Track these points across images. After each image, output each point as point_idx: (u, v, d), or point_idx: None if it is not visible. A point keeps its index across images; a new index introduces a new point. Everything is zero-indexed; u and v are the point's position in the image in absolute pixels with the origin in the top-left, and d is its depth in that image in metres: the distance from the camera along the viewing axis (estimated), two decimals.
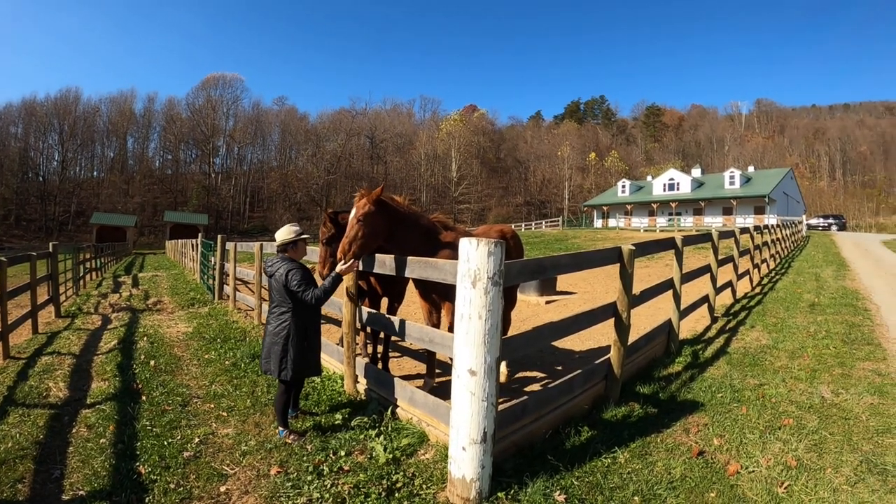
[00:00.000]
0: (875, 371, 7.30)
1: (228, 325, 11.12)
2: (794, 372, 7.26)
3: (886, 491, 4.21)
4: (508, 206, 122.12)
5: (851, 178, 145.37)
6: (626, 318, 6.13)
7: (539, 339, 5.15)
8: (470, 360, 3.83)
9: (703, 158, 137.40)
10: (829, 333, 9.41)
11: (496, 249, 3.83)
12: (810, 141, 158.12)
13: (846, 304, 12.27)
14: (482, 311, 3.80)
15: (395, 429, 5.17)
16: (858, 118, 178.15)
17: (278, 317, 5.06)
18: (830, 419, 5.64)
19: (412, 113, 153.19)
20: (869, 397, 6.27)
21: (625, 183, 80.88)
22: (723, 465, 4.60)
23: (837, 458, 4.73)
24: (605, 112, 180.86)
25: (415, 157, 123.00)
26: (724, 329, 9.79)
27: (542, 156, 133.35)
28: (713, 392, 6.43)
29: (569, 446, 4.81)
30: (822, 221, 62.01)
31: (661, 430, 5.28)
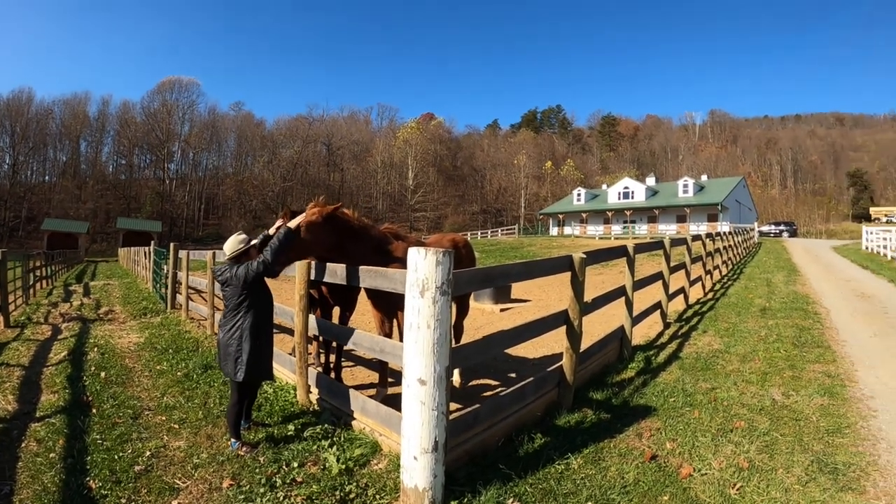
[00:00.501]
0: (825, 373, 7.52)
1: (181, 335, 10.93)
2: (745, 375, 7.42)
3: (837, 489, 4.32)
4: (464, 214, 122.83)
5: (802, 186, 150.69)
6: (577, 326, 6.18)
7: (489, 347, 5.18)
8: (419, 369, 3.84)
9: (657, 167, 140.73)
10: (779, 337, 9.66)
11: (444, 259, 3.85)
12: (762, 150, 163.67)
13: (797, 308, 12.64)
14: (431, 321, 3.82)
15: (347, 439, 5.13)
16: (809, 129, 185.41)
17: (231, 319, 5.03)
18: (781, 421, 5.77)
19: (369, 120, 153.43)
20: (819, 398, 6.45)
21: (580, 191, 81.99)
22: (675, 468, 4.66)
23: (789, 459, 4.84)
24: (562, 121, 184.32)
25: (371, 164, 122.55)
26: (677, 334, 9.97)
27: (499, 164, 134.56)
28: (666, 396, 6.53)
29: (522, 453, 4.82)
30: (774, 228, 64.47)
31: (614, 436, 5.33)
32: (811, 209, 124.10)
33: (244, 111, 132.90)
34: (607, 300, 7.87)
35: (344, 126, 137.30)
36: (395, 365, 4.46)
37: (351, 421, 5.44)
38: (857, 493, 4.28)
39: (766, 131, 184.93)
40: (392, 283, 4.62)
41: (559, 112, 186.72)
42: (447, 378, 3.93)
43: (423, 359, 3.83)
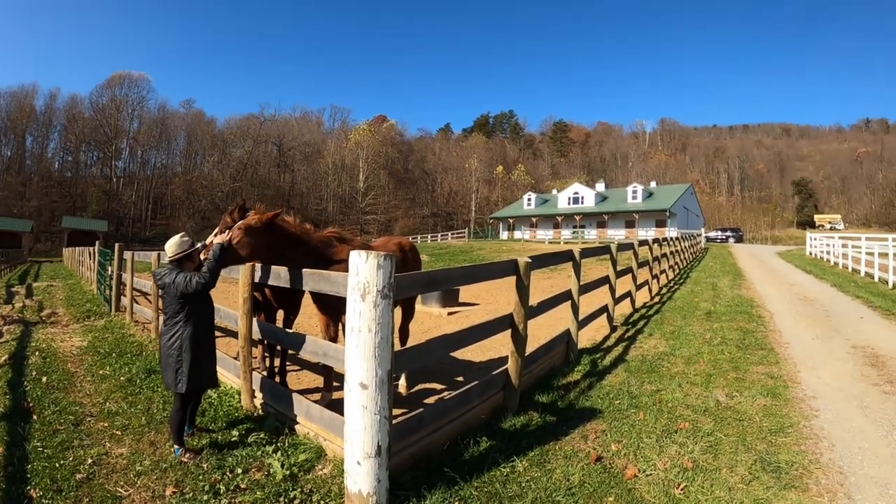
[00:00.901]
0: (768, 374, 7.72)
1: (125, 338, 10.66)
2: (690, 377, 7.55)
3: (781, 487, 4.41)
4: (415, 217, 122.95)
5: (749, 193, 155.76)
6: (522, 329, 6.19)
7: (432, 351, 5.20)
8: (361, 373, 3.81)
9: (607, 173, 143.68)
10: (724, 340, 9.88)
11: (385, 262, 3.83)
12: (711, 159, 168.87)
13: (741, 311, 12.97)
14: (372, 325, 3.80)
15: (292, 444, 5.06)
16: (757, 138, 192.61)
17: (171, 328, 4.93)
18: (725, 421, 5.88)
19: (321, 121, 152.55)
20: (762, 399, 6.61)
21: (531, 196, 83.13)
22: (621, 469, 4.69)
23: (732, 459, 4.92)
24: (514, 126, 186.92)
25: (322, 166, 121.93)
26: (623, 337, 10.11)
27: (450, 168, 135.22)
28: (611, 399, 6.59)
29: (467, 457, 4.80)
30: (721, 234, 66.57)
31: (559, 438, 5.35)
32: (757, 216, 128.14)
33: (195, 109, 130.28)
34: (553, 304, 7.93)
35: (296, 126, 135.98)
36: (341, 369, 4.41)
37: (295, 426, 5.38)
38: (800, 490, 4.38)
39: (715, 140, 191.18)
40: (335, 286, 4.59)
41: (511, 117, 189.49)
42: (389, 382, 3.90)
43: (364, 363, 3.80)
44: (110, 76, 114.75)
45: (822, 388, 7.20)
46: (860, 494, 4.37)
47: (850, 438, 5.51)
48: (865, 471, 4.79)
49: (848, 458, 5.04)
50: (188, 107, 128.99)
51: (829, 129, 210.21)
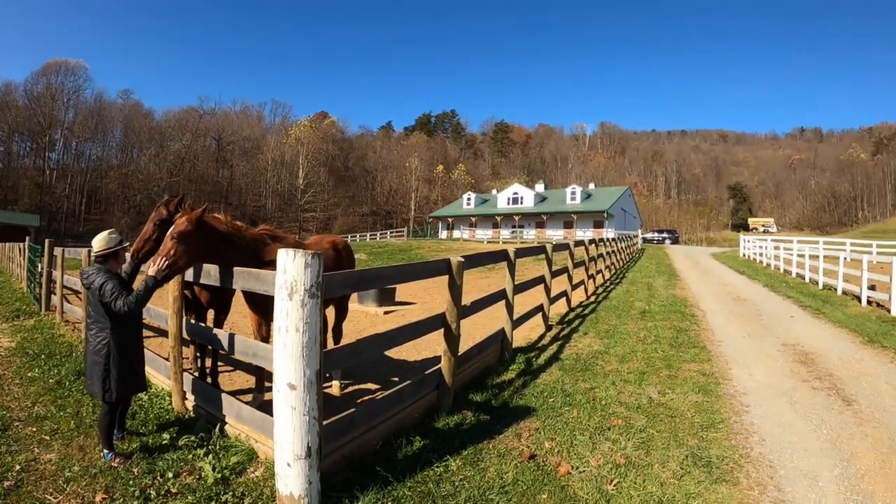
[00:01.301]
0: (700, 371, 7.90)
1: (54, 339, 10.27)
2: (623, 375, 7.66)
3: (712, 482, 4.49)
4: (355, 215, 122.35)
5: (686, 196, 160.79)
6: (455, 329, 6.18)
7: (362, 351, 5.13)
8: (289, 373, 3.75)
9: (547, 175, 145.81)
10: (657, 338, 10.09)
11: (313, 261, 3.78)
12: (649, 162, 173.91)
13: (675, 310, 13.30)
14: (299, 324, 3.74)
15: (223, 447, 4.95)
16: (694, 143, 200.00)
17: (97, 333, 4.77)
18: (658, 418, 5.97)
19: (262, 116, 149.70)
20: (694, 396, 6.75)
21: (470, 196, 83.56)
22: (554, 466, 4.70)
23: (664, 454, 4.99)
24: (455, 126, 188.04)
25: (262, 162, 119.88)
26: (558, 336, 10.19)
27: (391, 166, 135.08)
28: (545, 397, 6.62)
29: (401, 457, 4.76)
30: (657, 235, 68.58)
31: (493, 437, 5.34)
32: (693, 218, 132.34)
33: (133, 100, 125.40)
34: (487, 303, 7.93)
35: (236, 121, 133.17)
36: (271, 369, 4.30)
37: (226, 427, 5.27)
38: (731, 484, 4.47)
39: (654, 144, 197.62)
40: (264, 284, 4.51)
41: (453, 117, 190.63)
42: (318, 382, 3.85)
43: (292, 363, 3.74)
44: (46, 63, 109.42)
45: (752, 384, 7.40)
46: (790, 487, 4.48)
47: (780, 433, 5.67)
48: (795, 464, 4.92)
49: (778, 451, 5.18)
50: (126, 97, 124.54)
51: (764, 137, 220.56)
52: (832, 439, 5.53)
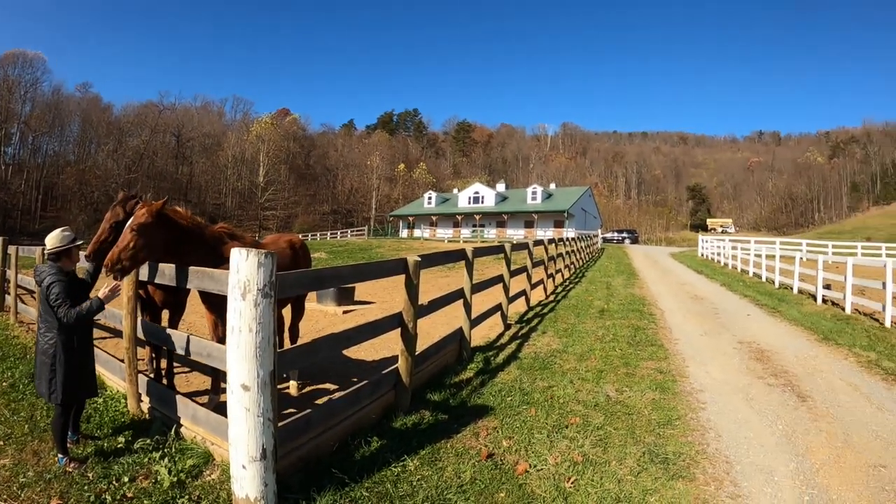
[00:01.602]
0: (657, 369, 7.99)
1: (8, 340, 9.96)
2: (581, 373, 7.71)
3: (668, 478, 4.55)
4: (315, 214, 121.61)
5: (646, 197, 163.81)
6: (412, 328, 6.17)
7: (317, 351, 5.08)
8: (242, 374, 3.73)
9: (508, 174, 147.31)
10: (616, 337, 10.19)
11: (266, 260, 3.76)
12: (610, 163, 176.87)
13: (633, 309, 13.45)
14: (252, 324, 3.72)
15: (179, 450, 4.87)
16: (655, 145, 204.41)
17: (45, 332, 4.71)
18: (615, 415, 6.02)
19: (223, 112, 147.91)
20: (651, 393, 6.83)
21: (431, 195, 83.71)
22: (512, 465, 4.71)
23: (622, 451, 5.04)
24: (417, 125, 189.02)
25: (222, 159, 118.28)
26: (517, 335, 10.22)
27: (352, 165, 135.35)
28: (503, 396, 6.63)
29: (358, 457, 4.74)
30: (617, 235, 69.98)
31: (451, 436, 5.33)
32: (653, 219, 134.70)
33: (91, 94, 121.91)
34: (445, 302, 7.95)
35: (196, 117, 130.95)
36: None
37: (182, 430, 5.20)
38: (688, 480, 4.53)
39: (615, 145, 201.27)
40: (219, 284, 4.46)
41: (415, 116, 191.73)
42: (272, 383, 3.83)
43: (245, 363, 3.72)
44: (3, 54, 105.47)
45: (709, 381, 7.52)
46: (746, 482, 4.55)
47: (736, 429, 5.76)
48: (751, 459, 5.01)
49: (734, 447, 5.26)
50: (84, 91, 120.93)
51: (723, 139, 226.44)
52: (787, 434, 5.64)
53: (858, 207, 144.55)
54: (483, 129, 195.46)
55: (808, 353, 9.44)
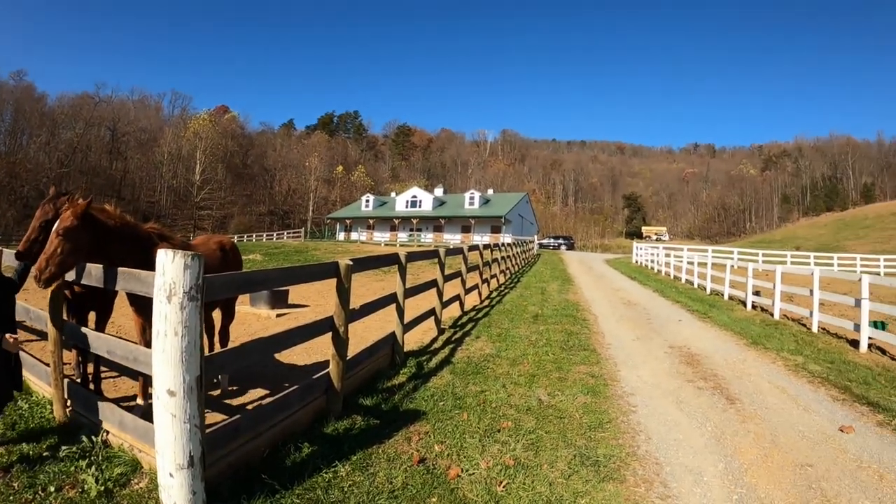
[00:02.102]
0: (589, 374, 8.11)
1: None
2: (514, 378, 7.76)
3: (599, 480, 4.61)
4: (252, 214, 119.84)
5: (582, 204, 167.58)
6: (343, 332, 6.13)
7: (247, 355, 5.02)
8: (168, 379, 3.65)
9: (447, 179, 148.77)
10: (549, 341, 10.29)
11: (193, 262, 3.69)
12: (548, 170, 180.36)
13: (567, 314, 13.63)
14: (178, 328, 3.65)
15: (106, 457, 4.71)
16: (592, 154, 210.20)
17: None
18: (547, 419, 6.08)
19: (161, 107, 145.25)
20: (583, 397, 6.91)
21: (369, 198, 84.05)
22: (444, 470, 4.70)
23: (553, 455, 5.08)
24: (357, 127, 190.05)
25: (158, 155, 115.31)
26: (451, 340, 10.24)
27: (290, 165, 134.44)
28: (436, 401, 6.62)
29: (289, 464, 4.68)
30: (554, 241, 71.29)
31: (382, 441, 5.29)
32: (589, 226, 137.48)
33: (25, 82, 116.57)
34: (378, 306, 7.95)
35: (133, 110, 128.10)
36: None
37: (109, 437, 5.04)
38: (618, 482, 4.60)
39: (553, 153, 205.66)
40: (145, 286, 4.34)
41: (356, 118, 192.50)
42: (199, 388, 3.76)
43: (171, 368, 3.64)
44: None
45: (640, 385, 7.68)
46: (675, 483, 4.65)
47: (666, 431, 5.89)
48: (681, 460, 5.13)
49: (664, 449, 5.37)
50: (18, 79, 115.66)
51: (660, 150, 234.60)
52: (716, 436, 5.79)
53: (788, 218, 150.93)
54: (423, 133, 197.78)
55: (737, 356, 9.74)
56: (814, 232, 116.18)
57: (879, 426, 6.38)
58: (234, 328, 7.93)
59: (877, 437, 5.98)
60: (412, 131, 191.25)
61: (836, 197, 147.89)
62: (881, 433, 6.13)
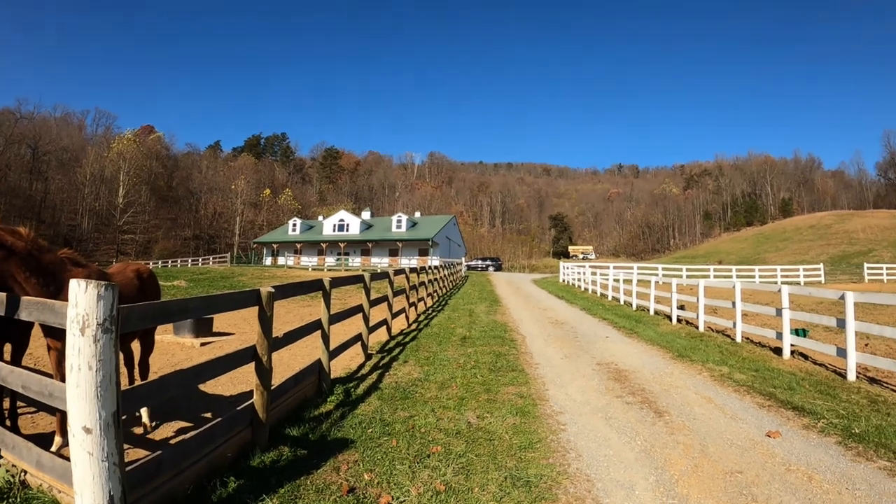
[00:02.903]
0: (518, 394, 8.14)
1: None
2: (443, 401, 7.73)
3: (531, 500, 4.60)
4: (177, 238, 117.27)
5: (509, 225, 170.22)
6: (266, 362, 6.01)
7: (166, 388, 4.86)
8: (84, 416, 3.49)
9: (375, 202, 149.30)
10: (477, 363, 10.31)
11: (106, 293, 3.55)
12: (475, 192, 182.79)
13: (495, 336, 13.72)
14: (92, 361, 3.50)
15: (25, 499, 4.49)
16: (519, 176, 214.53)
17: None
18: (477, 442, 6.05)
19: (84, 125, 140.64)
20: (512, 418, 6.92)
21: (296, 221, 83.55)
22: (374, 498, 4.63)
23: (484, 478, 5.04)
24: (285, 150, 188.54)
25: (80, 176, 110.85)
26: (378, 365, 10.16)
27: (216, 188, 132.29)
28: (364, 428, 6.53)
29: (215, 500, 4.54)
30: (481, 263, 72.31)
31: (311, 472, 5.18)
32: (516, 246, 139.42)
33: None
34: (302, 334, 7.81)
35: (55, 128, 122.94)
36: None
37: (27, 477, 4.79)
38: (550, 501, 4.60)
39: (480, 175, 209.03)
40: (59, 317, 4.13)
41: (283, 140, 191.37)
42: (117, 425, 3.60)
43: (86, 404, 3.48)
44: None
45: (569, 403, 7.74)
46: (608, 498, 4.68)
47: (596, 448, 5.94)
48: (612, 475, 5.17)
49: (595, 465, 5.41)
50: None
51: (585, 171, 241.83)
52: (646, 449, 5.87)
53: (711, 234, 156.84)
54: (351, 156, 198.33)
55: (664, 370, 9.95)
56: (736, 246, 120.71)
57: (805, 429, 6.63)
58: (157, 358, 7.70)
59: (803, 440, 6.20)
60: (340, 154, 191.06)
61: (755, 212, 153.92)
62: (807, 436, 6.37)
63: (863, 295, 10.15)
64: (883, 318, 16.45)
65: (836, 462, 5.52)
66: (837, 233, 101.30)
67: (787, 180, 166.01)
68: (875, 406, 7.66)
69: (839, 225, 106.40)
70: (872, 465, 5.46)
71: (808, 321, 11.68)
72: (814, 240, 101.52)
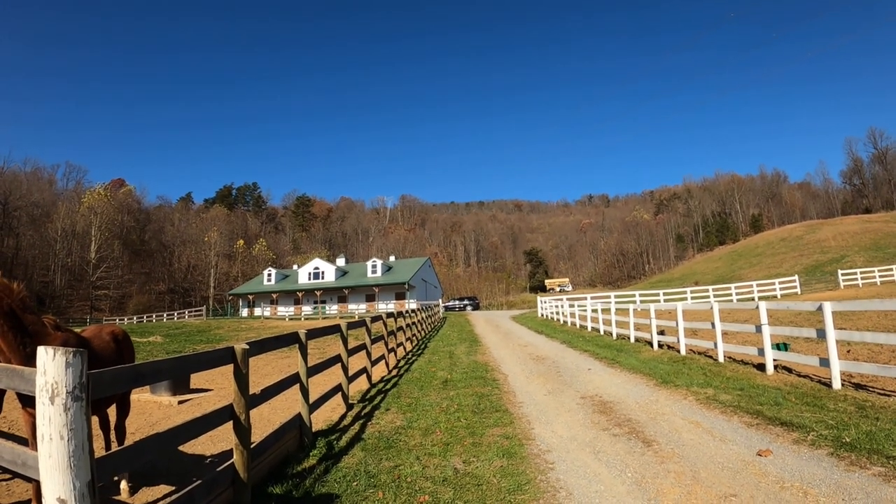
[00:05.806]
0: (503, 435, 8.01)
1: None
2: (428, 448, 7.59)
3: None
4: (151, 293, 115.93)
5: (485, 264, 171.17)
6: (244, 420, 5.87)
7: (143, 453, 4.71)
8: (58, 487, 3.35)
9: (348, 248, 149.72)
10: (460, 406, 10.18)
11: (75, 360, 3.44)
12: (448, 233, 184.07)
13: (477, 377, 13.60)
14: (63, 431, 3.38)
15: None
16: (491, 213, 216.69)
17: None
18: (464, 488, 5.91)
19: (54, 180, 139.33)
20: (499, 461, 6.80)
21: (271, 271, 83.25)
22: None
23: None
24: (257, 199, 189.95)
25: (51, 231, 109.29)
26: (360, 415, 9.99)
27: (189, 241, 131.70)
28: (348, 482, 6.38)
29: None
30: (459, 303, 72.42)
31: None
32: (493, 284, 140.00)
33: None
34: (280, 389, 7.67)
35: (25, 183, 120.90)
36: None
37: None
38: None
39: (453, 215, 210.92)
40: (28, 384, 3.97)
41: (255, 189, 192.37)
42: (93, 494, 3.46)
43: (59, 475, 3.35)
44: None
45: (555, 440, 7.63)
46: None
47: (587, 484, 5.83)
48: None
49: (586, 502, 5.30)
50: None
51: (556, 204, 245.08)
52: (637, 481, 5.78)
53: (685, 256, 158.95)
54: (323, 203, 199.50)
55: (649, 398, 9.90)
56: (710, 266, 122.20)
57: (795, 444, 6.62)
58: (134, 419, 7.50)
59: (794, 456, 6.18)
60: (312, 202, 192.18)
61: (727, 231, 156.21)
62: (798, 451, 6.36)
63: (840, 304, 10.26)
64: (862, 322, 16.56)
65: (830, 474, 5.50)
66: (809, 243, 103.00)
67: (756, 196, 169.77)
68: (863, 412, 7.70)
69: (810, 235, 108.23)
70: (867, 472, 5.45)
71: (789, 335, 11.78)
72: (786, 252, 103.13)
